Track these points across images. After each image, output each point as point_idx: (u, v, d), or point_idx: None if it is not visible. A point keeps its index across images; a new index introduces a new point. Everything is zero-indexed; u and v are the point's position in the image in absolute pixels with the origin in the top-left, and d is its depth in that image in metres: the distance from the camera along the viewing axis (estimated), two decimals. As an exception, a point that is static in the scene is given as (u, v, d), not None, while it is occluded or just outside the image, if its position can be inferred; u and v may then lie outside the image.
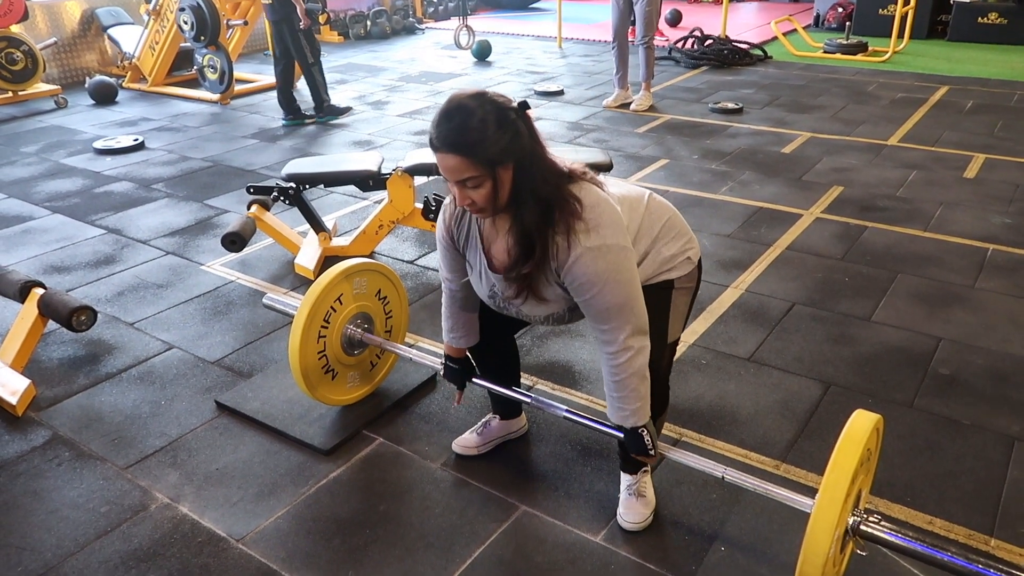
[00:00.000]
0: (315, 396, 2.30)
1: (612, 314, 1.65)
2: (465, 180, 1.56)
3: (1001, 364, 2.64)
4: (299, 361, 2.20)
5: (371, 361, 2.47)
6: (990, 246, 3.54)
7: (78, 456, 2.28)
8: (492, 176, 1.56)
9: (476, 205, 1.61)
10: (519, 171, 1.58)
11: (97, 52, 7.60)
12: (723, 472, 1.79)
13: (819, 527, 1.48)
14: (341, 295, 2.29)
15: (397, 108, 6.33)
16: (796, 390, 2.52)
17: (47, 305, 2.68)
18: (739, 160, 4.83)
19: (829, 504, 1.48)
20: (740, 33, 8.76)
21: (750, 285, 3.23)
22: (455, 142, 1.52)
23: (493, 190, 1.58)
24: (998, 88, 6.53)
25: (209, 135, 5.68)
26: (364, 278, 2.37)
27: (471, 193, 1.59)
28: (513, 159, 1.56)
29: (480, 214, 1.68)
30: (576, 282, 1.64)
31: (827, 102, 6.20)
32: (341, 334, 2.31)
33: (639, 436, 1.78)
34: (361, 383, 2.46)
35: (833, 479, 1.50)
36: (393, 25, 9.92)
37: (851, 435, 1.57)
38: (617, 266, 1.62)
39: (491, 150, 1.53)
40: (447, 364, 2.13)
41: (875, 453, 1.75)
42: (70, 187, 4.61)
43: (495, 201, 1.60)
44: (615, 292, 1.63)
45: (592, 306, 1.66)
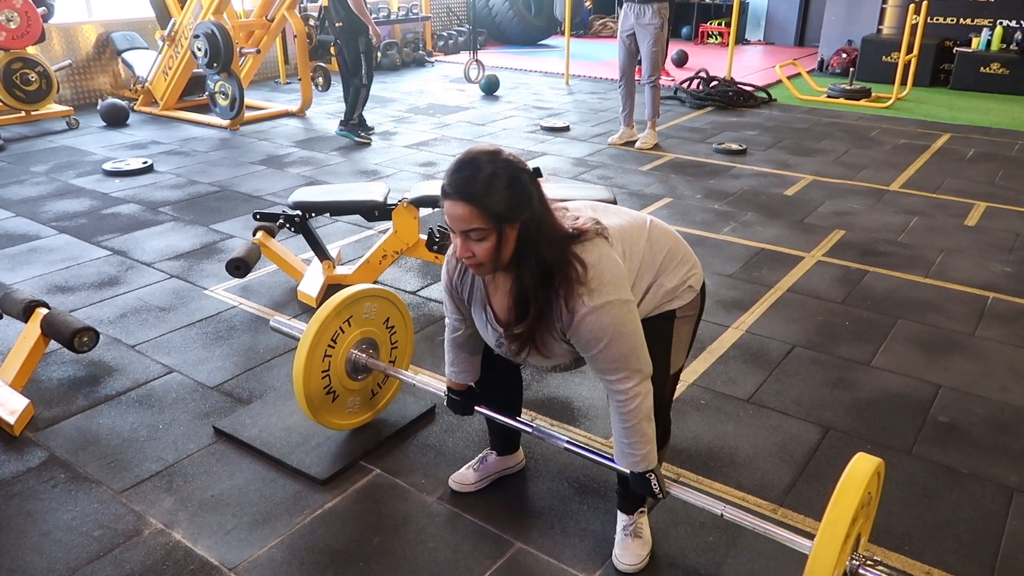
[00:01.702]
0: (315, 417, 2.29)
1: (619, 365, 1.67)
2: (470, 231, 1.57)
3: (1000, 413, 2.64)
4: (303, 378, 2.19)
5: (373, 389, 2.48)
6: (990, 294, 3.55)
7: (74, 478, 2.28)
8: (498, 232, 1.57)
9: (476, 259, 1.61)
10: (525, 232, 1.59)
11: (110, 75, 7.70)
12: (722, 510, 1.78)
13: (817, 568, 1.46)
14: (351, 317, 2.30)
15: (405, 139, 6.40)
16: (795, 433, 2.52)
17: (50, 325, 2.69)
18: (742, 201, 4.86)
19: (828, 545, 1.47)
20: (745, 75, 8.87)
21: (751, 326, 3.23)
22: (466, 191, 1.54)
23: (496, 247, 1.59)
24: (999, 137, 6.60)
25: (217, 160, 5.74)
26: (375, 304, 2.38)
27: (474, 246, 1.59)
28: (520, 219, 1.58)
29: (478, 270, 1.67)
30: (582, 340, 1.66)
31: (830, 146, 6.27)
32: (347, 357, 2.31)
33: (647, 480, 1.79)
34: (361, 410, 2.46)
35: (833, 519, 1.49)
36: (403, 57, 10.06)
37: (852, 477, 1.56)
38: (620, 319, 1.64)
39: (500, 205, 1.54)
40: (449, 395, 2.13)
41: (875, 497, 1.75)
42: (78, 207, 4.65)
43: (496, 258, 1.61)
44: (620, 344, 1.65)
45: (599, 360, 1.68)
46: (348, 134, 6.26)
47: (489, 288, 1.79)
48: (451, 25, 11.55)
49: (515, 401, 2.24)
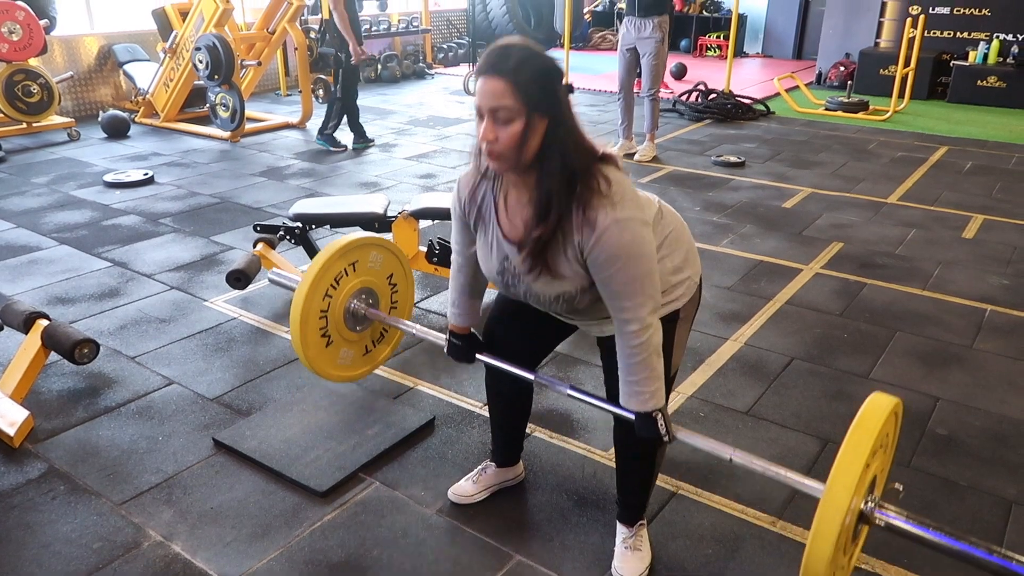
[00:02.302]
0: (305, 355, 2.26)
1: (635, 289, 1.61)
2: (499, 109, 1.52)
3: (998, 426, 2.65)
4: (302, 309, 2.18)
5: (366, 346, 2.46)
6: (988, 307, 3.56)
7: (73, 490, 2.28)
8: (526, 117, 1.52)
9: (499, 145, 1.55)
10: (552, 130, 1.56)
11: (112, 87, 7.74)
12: (731, 455, 1.74)
13: (830, 506, 1.40)
14: (356, 261, 2.30)
15: (405, 151, 6.43)
16: (793, 446, 2.52)
17: (50, 337, 2.69)
18: (740, 213, 4.88)
19: (842, 482, 1.40)
20: (743, 88, 8.92)
21: (749, 338, 3.24)
22: (496, 64, 1.52)
23: (522, 135, 1.53)
24: (996, 150, 6.63)
25: (218, 172, 5.76)
26: (381, 255, 2.39)
27: (499, 129, 1.53)
28: (549, 114, 1.54)
29: (498, 162, 1.59)
30: (601, 256, 1.59)
31: (828, 158, 6.30)
32: (346, 302, 2.30)
33: (654, 420, 1.71)
34: (351, 365, 2.43)
35: (847, 455, 1.42)
36: (403, 69, 10.11)
37: (868, 414, 1.49)
38: (641, 239, 1.60)
39: (531, 88, 1.51)
40: (450, 340, 2.07)
41: (893, 440, 1.66)
42: (78, 219, 4.67)
43: (520, 151, 1.55)
44: (638, 265, 1.60)
45: (615, 281, 1.61)
46: (323, 143, 6.42)
47: (500, 204, 1.74)
48: (451, 38, 11.61)
49: (526, 408, 2.23)
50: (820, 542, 1.40)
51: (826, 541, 1.39)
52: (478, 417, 2.66)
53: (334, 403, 2.70)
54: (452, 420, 2.65)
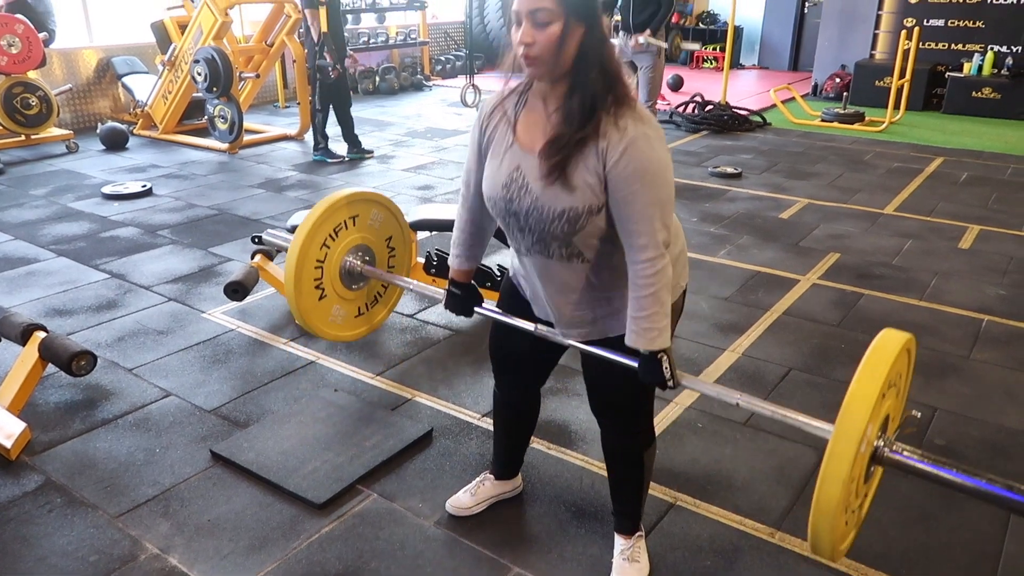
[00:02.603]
0: (297, 304, 2.24)
1: (654, 212, 1.57)
2: (538, 11, 1.52)
3: (996, 436, 2.65)
4: (298, 256, 2.17)
5: (360, 308, 2.45)
6: (985, 317, 3.57)
7: (70, 503, 2.27)
8: (564, 20, 1.52)
9: (535, 48, 1.54)
10: (588, 37, 1.55)
11: (110, 99, 7.76)
12: (738, 399, 1.71)
13: (841, 443, 1.35)
14: (357, 215, 2.30)
15: (403, 163, 6.44)
16: (792, 456, 2.52)
17: (48, 349, 2.69)
18: (737, 224, 4.90)
19: (854, 417, 1.34)
20: (740, 100, 8.96)
21: (747, 349, 3.25)
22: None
23: (559, 39, 1.53)
24: (992, 161, 6.66)
25: (216, 183, 5.77)
26: (382, 214, 2.39)
27: (537, 33, 1.53)
28: (586, 21, 1.54)
29: (534, 65, 1.57)
30: (628, 169, 1.55)
31: (824, 169, 6.32)
32: (343, 257, 2.30)
33: (659, 362, 1.65)
34: (341, 326, 2.41)
35: (859, 390, 1.36)
36: (401, 81, 10.15)
37: (877, 351, 1.43)
38: (666, 160, 1.59)
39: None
40: (450, 291, 2.03)
41: (906, 378, 1.61)
42: (76, 231, 4.67)
43: (556, 56, 1.54)
44: (661, 187, 1.57)
45: (637, 200, 1.56)
46: (321, 156, 6.46)
47: (520, 119, 1.69)
48: (448, 50, 11.67)
49: (532, 423, 2.23)
50: (830, 481, 1.34)
51: (836, 479, 1.33)
52: (476, 428, 2.66)
53: (332, 414, 2.70)
54: (450, 431, 2.65)
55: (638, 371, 1.69)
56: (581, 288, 1.75)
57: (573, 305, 1.78)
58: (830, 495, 1.35)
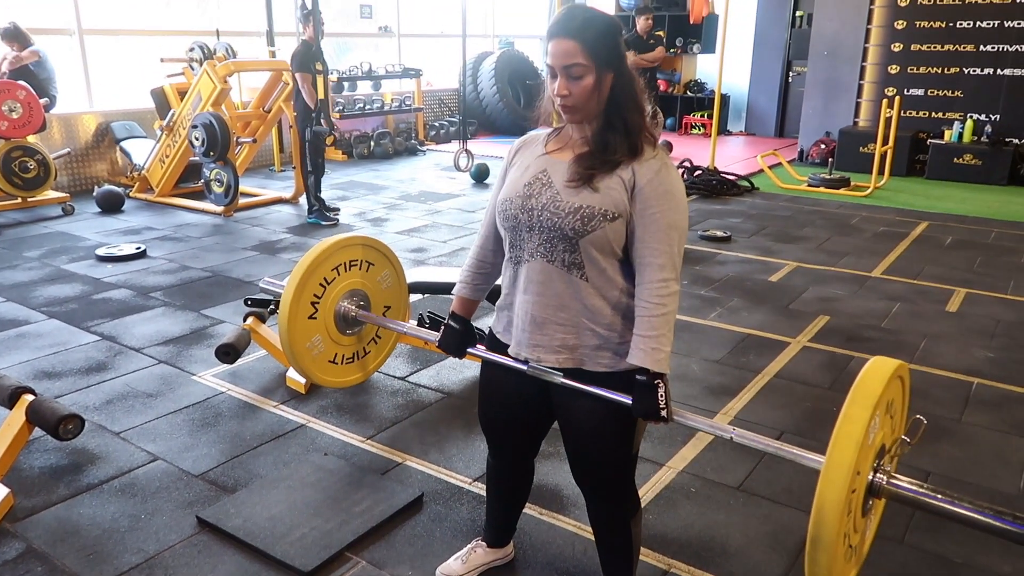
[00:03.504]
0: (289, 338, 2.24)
1: (673, 236, 1.68)
2: (571, 67, 1.64)
3: (990, 500, 2.62)
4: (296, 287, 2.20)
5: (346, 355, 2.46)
6: (975, 380, 3.59)
7: (51, 571, 2.22)
8: (596, 71, 1.65)
9: (572, 98, 1.67)
10: (619, 82, 1.68)
11: (108, 162, 7.86)
12: (731, 434, 1.71)
13: (832, 476, 1.29)
14: (372, 264, 2.38)
15: (396, 225, 6.51)
16: (786, 522, 2.50)
17: (35, 412, 2.66)
18: (728, 287, 4.94)
19: (843, 449, 1.29)
20: (728, 165, 9.14)
21: (739, 412, 3.24)
22: (569, 27, 1.64)
23: (594, 87, 1.66)
24: (975, 225, 6.78)
25: (210, 246, 5.81)
26: (392, 280, 2.48)
27: (571, 84, 1.66)
28: (615, 69, 1.68)
29: (571, 112, 1.71)
30: (659, 188, 1.67)
31: (812, 233, 6.42)
32: (345, 292, 2.33)
33: (656, 389, 1.67)
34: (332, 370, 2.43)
35: (847, 421, 1.32)
36: (395, 146, 10.33)
37: (865, 381, 1.39)
38: (684, 197, 1.72)
39: (599, 47, 1.64)
40: (448, 324, 2.02)
41: (902, 406, 1.57)
42: (69, 292, 4.67)
43: (591, 101, 1.67)
44: (683, 215, 1.70)
45: (659, 221, 1.66)
46: (315, 219, 6.57)
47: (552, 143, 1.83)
48: (443, 116, 11.91)
49: (524, 493, 2.20)
50: (824, 518, 1.29)
51: (830, 516, 1.28)
52: (467, 493, 2.63)
53: (321, 479, 2.67)
54: (441, 496, 2.61)
55: (633, 402, 1.69)
56: (574, 309, 1.74)
57: (560, 325, 1.76)
58: (824, 534, 1.29)
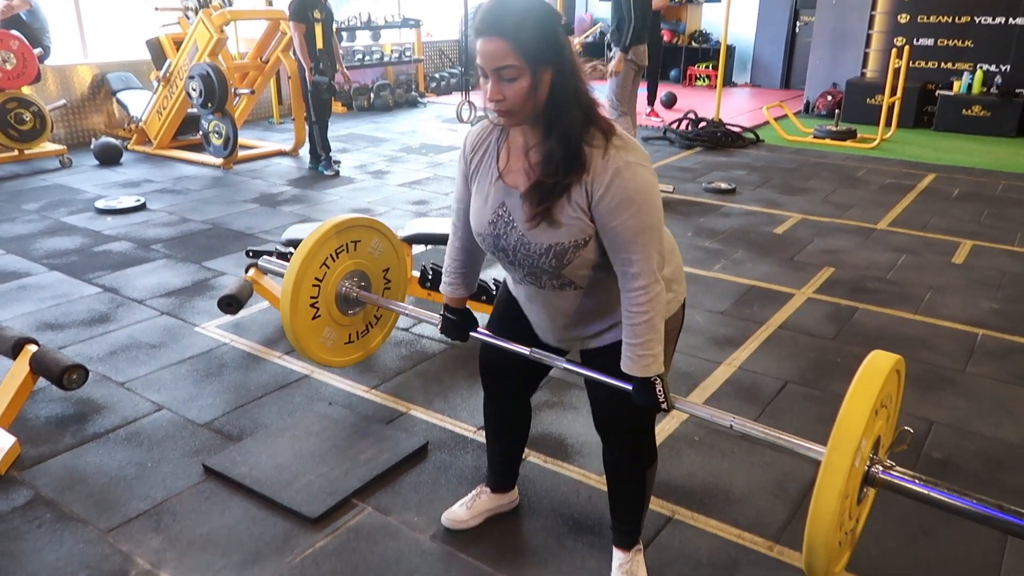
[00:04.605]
0: (291, 321, 2.22)
1: (645, 239, 1.56)
2: (502, 69, 1.49)
3: (994, 450, 2.64)
4: (298, 269, 2.16)
5: (350, 335, 2.43)
6: (980, 331, 3.58)
7: (59, 518, 2.24)
8: (531, 72, 1.49)
9: (506, 103, 1.53)
10: (559, 78, 1.52)
11: (104, 114, 7.76)
12: (731, 422, 1.73)
13: (832, 467, 1.35)
14: (359, 241, 2.30)
15: (397, 178, 6.45)
16: (789, 470, 2.51)
17: (39, 363, 2.66)
18: (732, 239, 4.91)
19: (844, 441, 1.35)
20: (733, 117, 9.01)
21: (743, 362, 3.24)
22: (496, 23, 1.48)
23: (530, 89, 1.51)
24: (983, 177, 6.71)
25: (210, 198, 5.76)
26: (383, 245, 2.40)
27: (505, 88, 1.51)
28: (554, 64, 1.51)
29: (507, 117, 1.57)
30: (614, 200, 1.54)
31: (817, 185, 6.35)
32: (341, 280, 2.30)
33: (653, 387, 1.67)
34: (331, 350, 2.39)
35: (848, 415, 1.37)
36: (396, 98, 10.18)
37: (867, 374, 1.44)
38: (652, 186, 1.57)
39: (534, 44, 1.48)
40: (445, 316, 2.04)
41: (896, 399, 1.61)
42: (69, 245, 4.64)
43: (528, 103, 1.53)
44: (649, 214, 1.56)
45: (626, 229, 1.55)
46: (313, 165, 6.61)
47: (502, 154, 1.69)
48: (443, 67, 11.72)
49: (523, 433, 2.21)
50: (823, 505, 1.35)
51: (829, 504, 1.34)
52: (472, 442, 2.64)
53: (326, 428, 2.67)
54: (445, 445, 2.62)
55: (632, 394, 1.70)
56: (574, 312, 1.77)
57: (567, 327, 1.82)
58: (825, 514, 1.36)
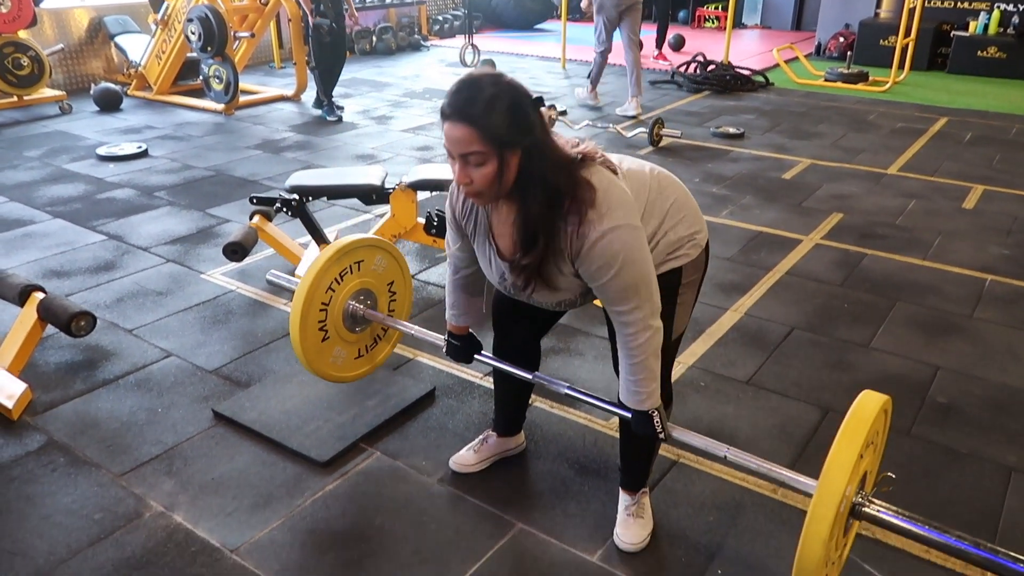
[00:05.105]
0: (301, 347, 2.23)
1: (630, 294, 1.62)
2: (469, 155, 1.50)
3: (999, 394, 2.65)
4: (306, 293, 2.17)
5: (359, 350, 2.44)
6: (988, 277, 3.56)
7: (73, 462, 2.27)
8: (498, 157, 1.50)
9: (474, 186, 1.55)
10: (527, 159, 1.53)
11: (103, 59, 7.63)
12: (725, 452, 1.76)
13: (822, 505, 1.44)
14: (362, 261, 2.31)
15: (401, 123, 6.37)
16: (794, 415, 2.52)
17: (46, 309, 2.67)
18: (740, 184, 4.85)
19: (833, 482, 1.44)
20: (742, 59, 8.83)
21: (749, 308, 3.23)
22: (462, 110, 1.48)
23: (497, 173, 1.52)
24: (997, 121, 6.59)
25: (213, 145, 5.70)
26: (386, 260, 2.39)
27: (472, 172, 1.52)
28: (521, 145, 1.52)
29: (477, 199, 1.62)
30: (593, 267, 1.60)
31: (827, 130, 6.25)
32: (347, 298, 2.30)
33: (650, 418, 1.74)
34: (341, 367, 2.40)
35: (838, 456, 1.46)
36: (398, 41, 9.99)
37: (858, 414, 1.52)
38: (631, 245, 1.59)
39: (500, 129, 1.48)
40: (449, 341, 2.09)
41: (882, 436, 1.71)
42: (72, 192, 4.62)
43: (497, 187, 1.55)
44: (631, 272, 1.60)
45: (610, 289, 1.62)
46: (323, 111, 6.53)
47: (493, 220, 1.73)
48: (446, 9, 11.47)
49: (525, 395, 2.23)
50: (813, 536, 1.45)
51: (819, 535, 1.44)
52: (478, 388, 2.66)
53: (334, 374, 2.69)
54: (452, 391, 2.64)
55: (631, 423, 1.79)
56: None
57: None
58: (813, 549, 1.45)
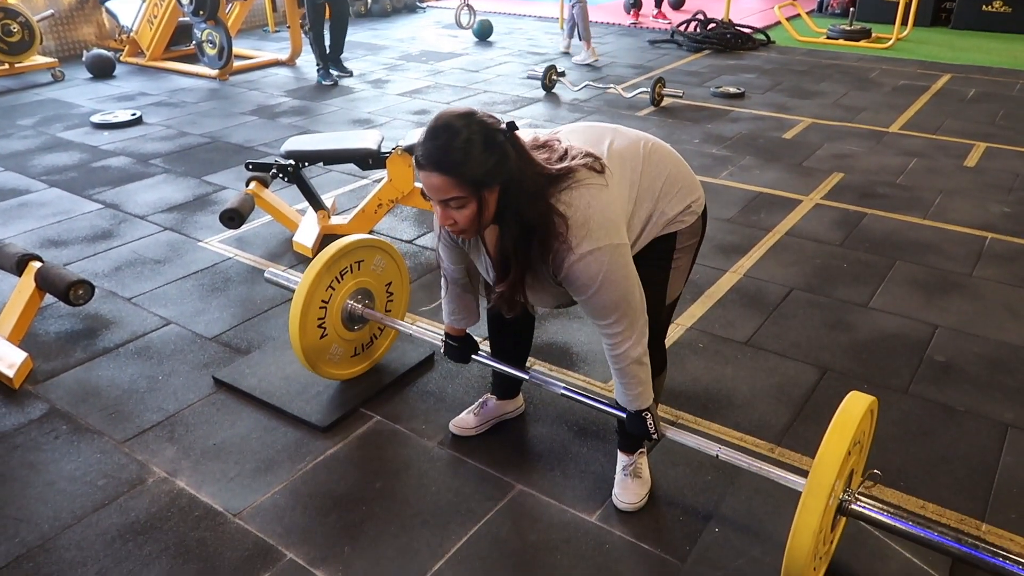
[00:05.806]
0: (300, 343, 2.23)
1: (610, 310, 1.66)
2: (448, 200, 1.53)
3: (997, 352, 2.65)
4: (304, 296, 2.18)
5: (355, 348, 2.45)
6: (989, 235, 3.54)
7: (75, 429, 2.29)
8: (477, 198, 1.52)
9: (458, 226, 1.58)
10: (504, 194, 1.55)
11: (95, 25, 7.52)
12: (717, 451, 1.81)
13: (810, 504, 1.50)
14: (362, 260, 2.33)
15: (397, 87, 6.29)
16: (792, 375, 2.53)
17: (44, 278, 2.67)
18: (740, 145, 4.81)
19: (820, 482, 1.51)
20: (743, 17, 8.70)
21: (748, 270, 3.23)
22: (439, 161, 1.48)
23: (477, 212, 1.55)
24: (1000, 77, 6.51)
25: (207, 111, 5.65)
26: (385, 261, 2.41)
27: (454, 214, 1.55)
28: (499, 182, 1.53)
29: (462, 235, 1.66)
30: (573, 285, 1.65)
31: (829, 88, 6.18)
32: (345, 299, 2.31)
33: (642, 419, 1.81)
34: (339, 363, 2.42)
35: (825, 457, 1.53)
36: (394, 3, 9.84)
37: (845, 415, 1.59)
38: (611, 265, 1.61)
39: (476, 172, 1.49)
40: (447, 342, 2.13)
41: (869, 435, 1.77)
42: (67, 161, 4.59)
43: (478, 223, 1.58)
44: (611, 290, 1.63)
45: (590, 304, 1.67)
46: (320, 76, 6.47)
47: (485, 234, 1.75)
48: (442, -31, 11.26)
49: (524, 349, 2.24)
50: (802, 532, 1.50)
51: (808, 531, 1.49)
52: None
53: (333, 340, 2.70)
54: (451, 355, 2.65)
55: (625, 422, 1.86)
56: None
57: None
58: (802, 545, 1.50)
